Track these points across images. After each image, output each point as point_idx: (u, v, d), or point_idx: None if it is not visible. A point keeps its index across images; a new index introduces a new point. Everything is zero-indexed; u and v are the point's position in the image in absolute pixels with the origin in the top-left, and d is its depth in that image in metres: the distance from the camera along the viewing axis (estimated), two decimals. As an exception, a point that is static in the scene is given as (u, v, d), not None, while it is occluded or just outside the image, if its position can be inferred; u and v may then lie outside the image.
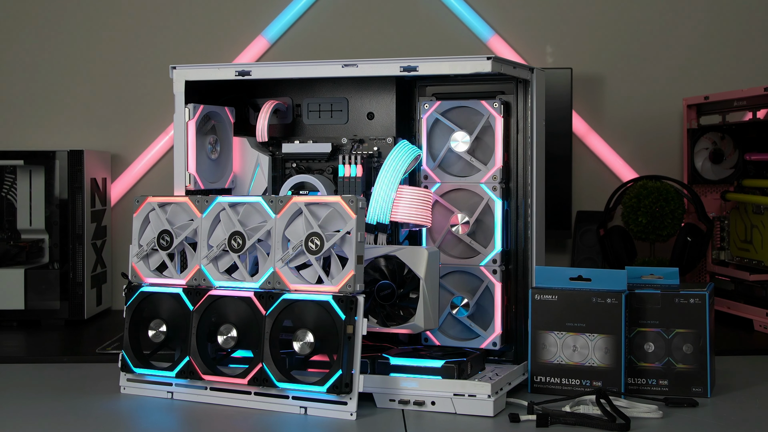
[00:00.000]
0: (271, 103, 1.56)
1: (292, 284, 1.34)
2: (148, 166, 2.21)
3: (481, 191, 1.47)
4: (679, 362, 1.40)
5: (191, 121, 1.49)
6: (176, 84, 1.50)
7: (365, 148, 1.56)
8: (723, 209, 2.03)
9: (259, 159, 1.60)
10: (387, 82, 1.54)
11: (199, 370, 1.37)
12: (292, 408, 1.31)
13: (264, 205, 1.38)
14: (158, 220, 1.45)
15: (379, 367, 1.36)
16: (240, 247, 1.38)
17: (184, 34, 2.21)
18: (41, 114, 2.22)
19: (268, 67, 1.50)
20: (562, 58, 2.18)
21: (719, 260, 2.03)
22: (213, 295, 1.39)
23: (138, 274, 1.46)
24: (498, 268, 1.46)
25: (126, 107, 2.22)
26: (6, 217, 2.05)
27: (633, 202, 1.95)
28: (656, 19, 2.19)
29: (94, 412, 1.34)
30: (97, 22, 2.22)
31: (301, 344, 1.31)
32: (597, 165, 2.19)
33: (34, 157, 1.99)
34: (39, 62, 2.22)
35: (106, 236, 2.12)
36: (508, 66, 1.40)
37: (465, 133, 1.46)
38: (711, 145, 2.03)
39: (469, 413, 1.30)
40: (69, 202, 1.97)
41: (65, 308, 1.97)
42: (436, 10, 2.18)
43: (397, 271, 1.40)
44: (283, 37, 2.20)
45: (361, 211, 1.32)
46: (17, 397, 1.42)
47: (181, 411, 1.35)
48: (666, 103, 2.17)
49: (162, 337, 1.41)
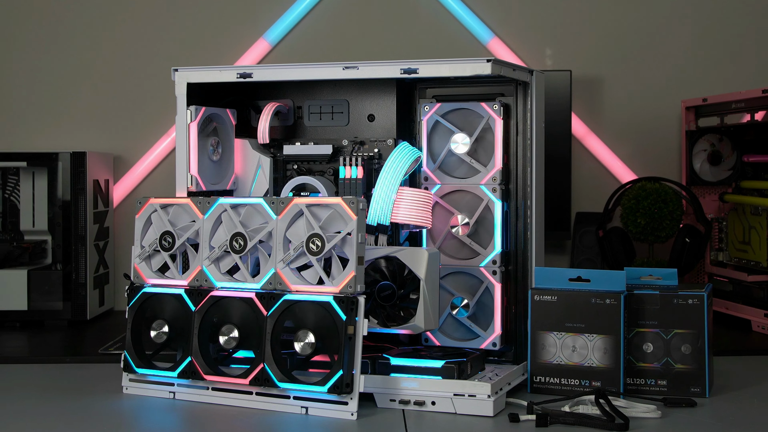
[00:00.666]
0: (272, 105, 1.56)
1: (294, 285, 1.34)
2: (151, 168, 2.21)
3: (481, 193, 1.47)
4: (678, 362, 1.40)
5: (193, 123, 1.49)
6: (178, 86, 1.50)
7: (366, 150, 1.56)
8: (721, 211, 2.03)
9: (261, 161, 1.60)
10: (387, 85, 1.54)
11: (201, 370, 1.37)
12: (294, 408, 1.31)
13: (265, 206, 1.38)
14: (160, 221, 1.45)
15: (379, 367, 1.36)
16: (241, 248, 1.38)
17: (186, 37, 2.21)
18: (44, 116, 2.23)
19: (270, 69, 1.50)
20: (561, 60, 2.18)
21: (717, 261, 2.03)
22: (215, 295, 1.39)
23: (140, 275, 1.46)
24: (498, 269, 1.46)
25: (128, 109, 2.22)
26: (9, 218, 2.05)
27: (632, 204, 1.95)
28: (655, 22, 2.19)
29: (96, 411, 1.34)
30: (100, 25, 2.22)
31: (302, 344, 1.31)
32: (596, 166, 2.19)
33: (37, 159, 1.99)
34: (42, 65, 2.22)
35: (109, 237, 2.12)
36: (508, 68, 1.40)
37: (465, 134, 1.46)
38: (709, 146, 2.03)
39: (469, 413, 1.30)
40: (72, 203, 1.97)
41: (68, 309, 1.97)
42: (436, 13, 2.18)
43: (397, 272, 1.40)
44: (284, 39, 2.20)
45: (361, 212, 1.32)
46: (20, 397, 1.42)
47: (183, 411, 1.35)
48: (664, 105, 2.17)
49: (164, 337, 1.41)
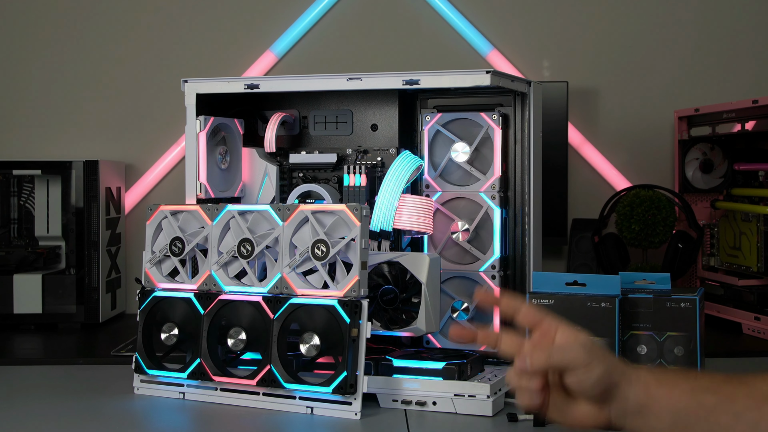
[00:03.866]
0: (278, 115, 1.56)
1: (299, 289, 1.35)
2: (161, 176, 2.22)
3: (480, 200, 1.47)
4: (671, 364, 1.40)
5: (202, 132, 1.50)
6: (188, 97, 1.50)
7: (369, 159, 1.56)
8: (713, 217, 2.03)
9: (268, 169, 1.61)
10: (390, 95, 1.54)
11: (210, 371, 1.37)
12: (299, 408, 1.32)
13: (272, 213, 1.38)
14: (170, 227, 1.45)
15: (382, 368, 1.36)
16: (249, 253, 1.38)
17: (195, 49, 2.22)
18: (58, 126, 2.23)
19: (276, 80, 1.50)
20: (558, 71, 2.19)
21: (709, 266, 2.03)
22: (223, 299, 1.39)
23: (151, 279, 1.46)
24: (497, 273, 1.46)
25: (139, 119, 2.23)
26: (24, 224, 2.06)
27: (626, 210, 1.95)
28: (648, 35, 2.20)
29: (108, 411, 1.34)
30: (112, 38, 2.22)
31: (307, 347, 1.31)
32: (592, 174, 2.19)
33: (51, 167, 1.99)
34: (56, 77, 2.23)
35: (121, 243, 2.12)
36: (507, 79, 1.41)
37: (465, 144, 1.47)
38: (701, 155, 2.03)
39: (469, 413, 1.30)
40: (85, 210, 1.98)
41: (81, 312, 1.97)
42: (438, 26, 2.19)
43: (399, 277, 1.40)
44: (290, 51, 2.20)
45: (365, 218, 1.32)
46: (35, 398, 1.42)
47: (193, 411, 1.36)
48: (658, 115, 2.18)
49: (174, 339, 1.42)
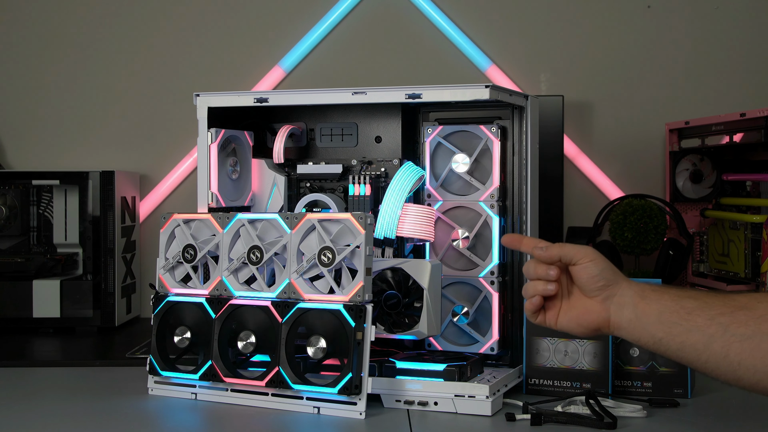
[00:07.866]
0: (286, 128, 1.57)
1: (306, 294, 1.35)
2: (174, 186, 2.22)
3: (479, 209, 1.48)
4: (662, 366, 1.40)
5: (213, 144, 1.50)
6: (200, 110, 1.50)
7: (373, 169, 1.57)
8: (702, 225, 2.03)
9: (276, 179, 1.61)
10: (393, 109, 1.55)
11: (221, 373, 1.37)
12: (306, 408, 1.32)
13: (280, 221, 1.39)
14: (183, 235, 1.46)
15: (386, 370, 1.37)
16: (258, 260, 1.39)
17: (207, 64, 2.22)
18: (76, 138, 2.24)
19: (285, 94, 1.51)
20: (554, 86, 2.19)
21: (699, 272, 2.03)
22: (233, 304, 1.39)
23: (164, 284, 1.46)
24: (495, 279, 1.47)
25: (153, 131, 2.23)
26: (43, 232, 2.06)
27: (619, 219, 1.95)
28: (641, 52, 2.20)
29: (124, 411, 1.34)
30: (127, 53, 2.23)
31: (314, 349, 1.32)
32: (586, 184, 2.19)
33: (69, 178, 2.00)
34: (73, 90, 2.24)
35: (135, 250, 2.13)
36: (505, 93, 1.41)
37: (465, 155, 1.47)
38: (691, 166, 2.03)
39: (469, 413, 1.30)
40: (101, 218, 1.98)
41: (97, 316, 1.97)
42: (439, 42, 2.19)
43: (402, 282, 1.40)
44: (298, 66, 2.20)
45: (369, 227, 1.32)
46: (54, 398, 1.42)
47: (205, 411, 1.36)
48: (650, 128, 2.17)
49: (186, 342, 1.42)
